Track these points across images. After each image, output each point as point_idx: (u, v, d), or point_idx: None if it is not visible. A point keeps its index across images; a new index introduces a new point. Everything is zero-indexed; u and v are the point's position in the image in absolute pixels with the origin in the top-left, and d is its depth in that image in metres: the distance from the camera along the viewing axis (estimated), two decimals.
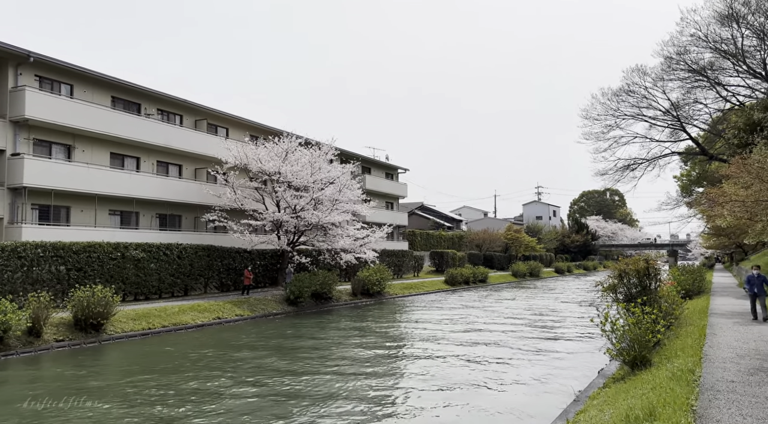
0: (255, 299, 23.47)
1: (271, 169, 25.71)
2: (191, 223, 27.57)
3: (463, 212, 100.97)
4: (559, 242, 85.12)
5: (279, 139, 27.14)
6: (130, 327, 17.25)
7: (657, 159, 35.03)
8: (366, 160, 44.69)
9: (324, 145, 28.51)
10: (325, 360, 13.44)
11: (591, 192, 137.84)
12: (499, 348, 15.27)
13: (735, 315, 14.82)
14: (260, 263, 27.59)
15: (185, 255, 23.10)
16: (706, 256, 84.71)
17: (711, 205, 17.54)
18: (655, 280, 11.42)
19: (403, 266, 42.35)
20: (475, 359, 13.66)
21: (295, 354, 14.35)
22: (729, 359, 8.55)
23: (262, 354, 14.44)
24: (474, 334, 18.13)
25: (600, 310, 9.59)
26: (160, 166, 26.71)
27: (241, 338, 17.31)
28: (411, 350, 15.15)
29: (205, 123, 28.69)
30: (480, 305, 28.95)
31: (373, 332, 18.57)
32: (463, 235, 64.48)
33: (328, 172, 27.96)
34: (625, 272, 11.36)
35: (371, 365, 12.97)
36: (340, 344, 16.07)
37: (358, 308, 26.93)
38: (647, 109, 33.97)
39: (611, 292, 11.56)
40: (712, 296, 22.05)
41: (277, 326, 20.31)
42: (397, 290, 34.01)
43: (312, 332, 18.83)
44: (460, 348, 15.35)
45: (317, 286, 25.35)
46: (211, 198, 26.06)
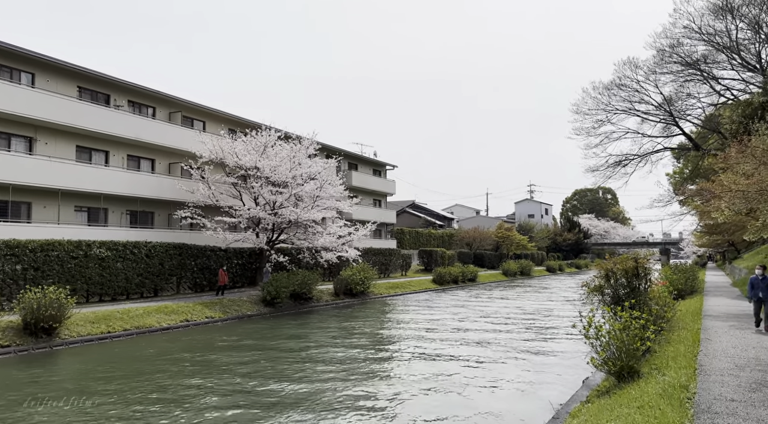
0: (229, 300, 22.36)
1: (247, 163, 24.59)
2: (165, 220, 26.39)
3: (455, 210, 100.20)
4: (551, 240, 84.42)
5: (257, 133, 26.02)
6: (88, 331, 16.10)
7: (649, 155, 34.20)
8: (353, 157, 43.61)
9: (305, 140, 27.39)
10: (292, 364, 12.37)
11: (584, 190, 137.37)
12: (481, 352, 14.26)
13: (730, 317, 13.90)
14: (237, 262, 26.46)
15: (154, 254, 21.94)
16: (699, 254, 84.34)
17: (707, 197, 16.52)
18: (644, 280, 10.45)
19: (390, 265, 41.30)
20: (453, 365, 12.64)
21: (260, 359, 13.27)
22: (727, 371, 7.56)
23: (225, 360, 13.34)
24: (456, 335, 17.12)
25: (583, 314, 8.58)
26: (131, 161, 25.51)
27: (208, 342, 16.20)
28: (385, 354, 14.11)
29: (179, 115, 27.50)
30: (467, 304, 27.95)
31: (351, 334, 17.51)
32: (453, 233, 63.56)
33: (309, 168, 26.85)
34: (612, 272, 10.36)
35: (338, 370, 11.92)
36: (313, 347, 15.00)
37: (340, 309, 25.88)
38: (639, 103, 33.12)
39: (597, 293, 10.58)
40: (706, 296, 21.20)
41: (249, 328, 19.22)
42: (382, 290, 32.97)
43: (285, 335, 17.76)
44: (438, 352, 14.32)
45: (296, 286, 24.26)
46: (185, 194, 24.89)
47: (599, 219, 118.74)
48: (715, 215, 12.92)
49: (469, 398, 9.75)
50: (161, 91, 26.12)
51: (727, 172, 13.34)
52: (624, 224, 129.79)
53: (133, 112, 25.39)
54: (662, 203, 37.53)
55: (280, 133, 26.59)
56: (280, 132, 26.61)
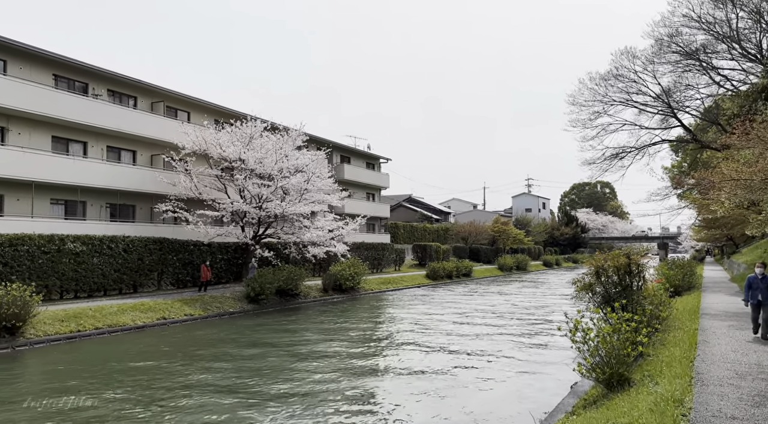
0: (210, 297, 21.60)
1: (231, 155, 23.77)
2: (147, 214, 25.57)
3: (453, 204, 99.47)
4: (549, 234, 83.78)
5: (242, 124, 25.20)
6: (56, 330, 15.34)
7: (647, 147, 33.38)
8: (345, 149, 42.76)
9: (292, 131, 26.58)
10: (268, 363, 11.62)
11: (582, 184, 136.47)
12: (468, 352, 13.53)
13: (729, 317, 13.16)
14: (222, 257, 25.71)
15: (133, 248, 21.15)
16: (697, 249, 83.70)
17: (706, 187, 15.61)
18: (638, 278, 9.69)
19: (383, 260, 40.57)
20: (436, 365, 11.90)
21: (235, 359, 12.51)
22: (726, 381, 6.81)
23: (195, 362, 12.59)
24: (444, 333, 16.39)
25: (569, 315, 7.83)
26: (111, 152, 24.66)
27: (181, 341, 15.46)
28: (364, 352, 13.36)
29: (162, 106, 26.62)
30: (459, 300, 27.24)
31: (333, 331, 16.77)
32: (449, 227, 62.82)
33: (296, 160, 26.05)
34: (603, 269, 9.59)
35: (313, 376, 11.18)
36: (293, 346, 14.24)
37: (328, 305, 25.16)
38: (637, 94, 32.27)
39: (587, 292, 9.82)
40: (703, 292, 20.47)
41: (229, 326, 18.48)
42: (373, 285, 32.25)
43: (265, 333, 17.03)
44: (420, 353, 13.59)
45: (281, 282, 23.51)
46: (167, 187, 24.07)
47: (597, 213, 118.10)
48: (714, 208, 12.07)
49: (448, 405, 9.02)
50: (142, 81, 25.24)
51: (727, 160, 12.44)
52: (622, 219, 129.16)
53: (113, 102, 24.51)
54: (660, 197, 36.81)
55: (266, 124, 25.77)
56: (266, 123, 25.78)
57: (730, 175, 11.21)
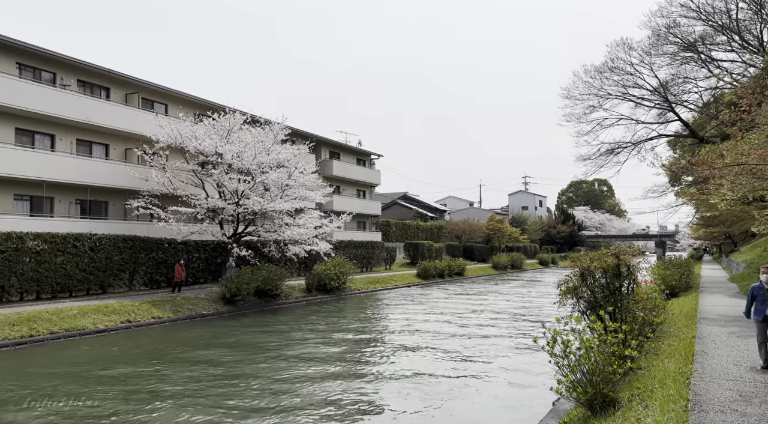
0: (183, 298, 20.50)
1: (207, 149, 22.65)
2: (120, 210, 24.43)
3: (449, 202, 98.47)
4: (545, 232, 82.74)
5: (220, 116, 24.08)
6: (4, 335, 14.23)
7: (643, 142, 32.32)
8: (334, 145, 41.62)
9: (274, 124, 25.45)
10: (229, 370, 10.53)
11: (579, 182, 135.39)
12: (445, 362, 12.47)
13: (729, 321, 12.12)
14: (199, 256, 24.59)
15: (100, 247, 20.02)
16: (695, 247, 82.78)
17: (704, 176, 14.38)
18: (628, 280, 8.64)
19: (373, 259, 39.49)
20: (413, 374, 10.84)
21: (198, 368, 11.43)
22: (729, 405, 5.75)
23: (150, 370, 11.50)
24: (426, 336, 15.33)
25: (546, 326, 6.77)
26: (82, 146, 23.50)
27: (140, 347, 14.36)
28: (341, 357, 12.29)
29: (137, 97, 25.45)
30: (447, 301, 26.18)
31: (312, 335, 15.69)
32: (442, 225, 61.75)
33: (278, 154, 24.93)
34: (589, 271, 8.50)
35: (279, 385, 10.10)
36: (262, 351, 13.15)
37: (311, 306, 24.09)
38: (633, 88, 31.23)
39: (572, 296, 8.75)
40: (701, 294, 19.44)
41: (200, 329, 17.40)
42: (360, 285, 31.18)
43: (237, 336, 15.95)
44: (391, 365, 12.52)
45: (260, 282, 22.42)
46: (141, 182, 22.95)
47: (595, 211, 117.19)
48: (715, 201, 10.92)
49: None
50: (115, 71, 24.07)
51: (729, 143, 11.18)
52: (620, 217, 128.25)
53: (84, 93, 23.35)
54: (656, 194, 35.80)
55: (245, 117, 24.64)
56: (245, 115, 24.65)
57: (736, 160, 10.01)
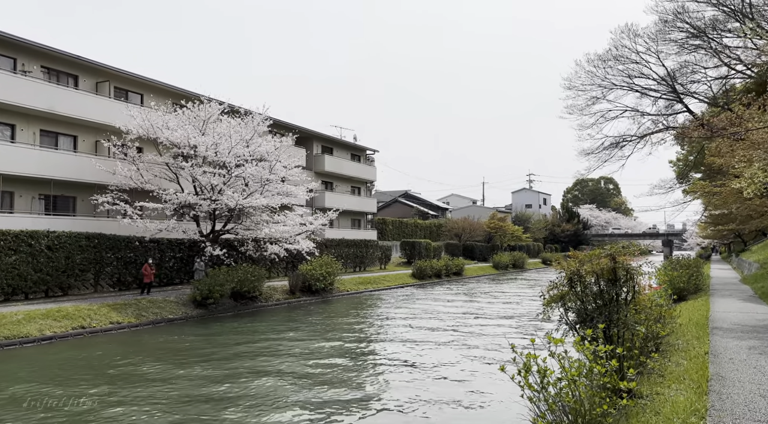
0: (149, 301, 19.00)
1: (178, 139, 21.15)
2: (89, 206, 22.95)
3: (452, 200, 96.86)
4: (549, 231, 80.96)
5: (194, 105, 22.59)
6: None
7: (649, 135, 30.53)
8: (327, 139, 40.03)
9: (255, 115, 23.94)
10: (171, 389, 8.99)
11: (585, 180, 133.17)
12: (420, 381, 10.89)
13: (748, 332, 10.46)
14: (173, 255, 23.13)
15: (59, 245, 18.55)
16: (703, 246, 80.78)
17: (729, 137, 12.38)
18: (627, 287, 7.02)
19: (367, 258, 37.93)
20: (377, 396, 9.27)
21: (127, 388, 9.89)
22: None
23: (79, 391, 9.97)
24: (405, 348, 13.77)
25: (517, 351, 5.17)
26: (47, 137, 22.04)
27: (84, 358, 12.86)
28: (301, 372, 10.73)
29: (108, 86, 23.95)
30: (444, 302, 24.57)
31: (282, 344, 14.13)
32: (441, 223, 60.10)
33: (258, 146, 23.42)
34: (578, 276, 6.86)
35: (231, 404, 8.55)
36: (220, 365, 11.59)
37: (293, 309, 22.60)
38: (638, 78, 29.42)
39: (559, 306, 7.13)
40: (712, 297, 17.77)
41: (164, 335, 15.91)
42: (349, 286, 29.65)
43: (199, 345, 14.43)
44: (349, 388, 10.96)
45: (235, 283, 20.90)
46: (110, 176, 21.48)
47: (600, 209, 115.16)
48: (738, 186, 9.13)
49: None
50: (84, 57, 22.58)
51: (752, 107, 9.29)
52: (626, 215, 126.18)
53: (50, 81, 21.89)
54: (663, 190, 33.93)
55: (223, 106, 23.13)
56: (223, 104, 23.14)
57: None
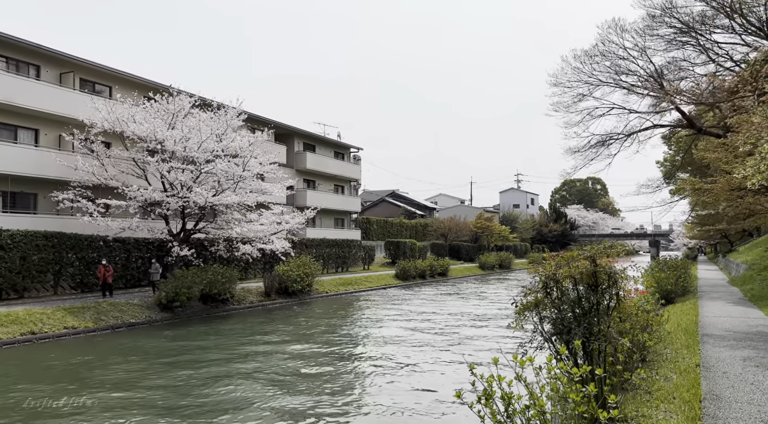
0: (110, 304, 17.92)
1: (144, 133, 20.08)
2: (52, 204, 21.78)
3: (440, 199, 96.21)
4: (537, 231, 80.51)
5: (163, 97, 21.54)
6: None
7: (636, 133, 29.92)
8: (309, 136, 39.02)
9: (229, 109, 22.92)
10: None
11: (573, 181, 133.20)
12: (378, 398, 10.00)
13: (741, 340, 9.68)
14: (140, 256, 22.05)
15: (12, 245, 17.41)
16: (689, 247, 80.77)
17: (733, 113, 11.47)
18: (610, 293, 6.17)
19: (350, 258, 37.02)
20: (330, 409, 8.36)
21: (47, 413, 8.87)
22: None
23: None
24: (376, 355, 12.89)
25: (476, 372, 4.27)
26: (5, 130, 20.79)
27: (11, 370, 11.81)
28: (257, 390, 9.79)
29: (72, 77, 22.78)
30: (423, 306, 23.71)
31: (244, 350, 13.16)
32: (428, 223, 59.28)
33: (231, 142, 22.42)
34: (555, 281, 5.99)
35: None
36: (174, 378, 10.61)
37: (268, 312, 21.63)
38: (626, 74, 28.82)
39: (533, 314, 6.27)
40: (701, 300, 17.05)
41: (117, 343, 14.86)
42: (329, 287, 28.71)
43: (161, 352, 13.42)
44: (314, 396, 10.04)
45: (204, 285, 19.88)
46: (73, 171, 20.35)
47: (588, 210, 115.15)
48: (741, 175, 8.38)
49: None
50: (45, 47, 21.40)
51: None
52: (613, 215, 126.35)
53: (8, 70, 20.69)
54: (650, 189, 33.43)
55: (194, 99, 22.08)
56: (193, 97, 22.09)
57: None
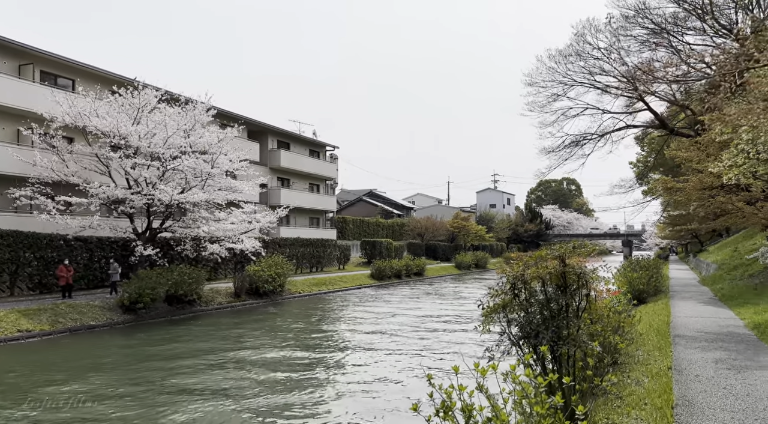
0: (69, 306, 17.13)
1: (107, 128, 19.31)
2: (8, 201, 20.77)
3: (417, 199, 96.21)
4: (512, 231, 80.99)
5: (129, 92, 20.76)
6: None
7: (610, 133, 30.15)
8: (283, 134, 38.35)
9: (198, 104, 22.25)
10: None
11: (548, 181, 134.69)
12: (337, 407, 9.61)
13: (711, 340, 9.56)
14: (104, 255, 21.23)
15: None
16: (661, 246, 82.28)
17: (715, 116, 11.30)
18: (580, 294, 5.87)
19: (324, 258, 36.51)
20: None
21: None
22: None
23: None
24: (337, 360, 12.48)
25: (435, 383, 3.90)
26: None
27: None
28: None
29: (32, 69, 21.80)
30: (398, 307, 23.37)
31: (207, 354, 12.61)
32: (404, 223, 59.06)
33: (199, 138, 21.77)
34: (523, 281, 5.68)
35: None
36: (121, 384, 10.01)
37: (237, 313, 21.02)
38: (600, 74, 28.97)
39: (501, 315, 5.95)
40: (672, 299, 17.08)
41: (72, 348, 14.15)
42: (302, 287, 28.16)
43: (117, 356, 12.78)
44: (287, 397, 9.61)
45: (169, 285, 19.19)
46: (29, 167, 19.44)
47: (563, 210, 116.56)
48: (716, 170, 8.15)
49: None
50: (2, 37, 20.42)
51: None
52: (587, 216, 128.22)
53: None
54: (623, 189, 33.73)
55: (160, 93, 21.34)
56: (160, 91, 21.35)
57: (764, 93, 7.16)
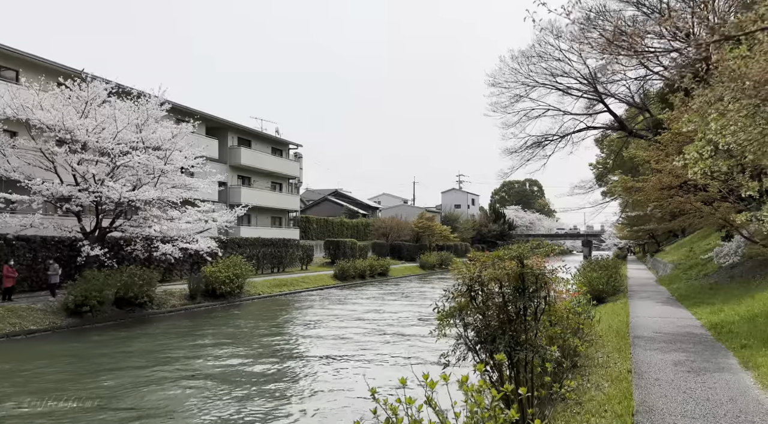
0: (8, 309, 16.02)
1: (51, 121, 18.22)
2: None
3: (383, 199, 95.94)
4: (477, 231, 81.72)
5: (77, 84, 19.67)
6: None
7: (571, 134, 30.55)
8: (244, 131, 37.37)
9: (151, 97, 21.28)
10: None
11: (512, 182, 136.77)
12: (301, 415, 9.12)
13: (669, 341, 9.52)
14: (48, 255, 20.03)
15: None
16: (620, 247, 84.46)
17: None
18: (539, 296, 5.57)
19: (286, 258, 35.69)
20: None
21: None
22: None
23: None
24: (295, 366, 11.96)
25: (379, 400, 3.48)
26: None
27: None
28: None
29: None
30: (359, 307, 22.93)
31: (155, 361, 11.87)
32: (369, 223, 58.66)
33: (152, 133, 20.82)
34: (480, 283, 5.34)
35: None
36: (74, 390, 9.23)
37: (192, 316, 20.18)
38: (562, 76, 29.26)
39: (457, 320, 5.59)
40: (630, 299, 17.24)
41: (18, 353, 13.16)
42: (263, 288, 27.38)
43: (53, 364, 11.90)
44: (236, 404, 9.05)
45: (118, 287, 18.23)
46: None
47: (525, 211, 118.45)
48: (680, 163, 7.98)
49: None
50: None
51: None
52: (549, 216, 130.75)
53: None
54: (583, 190, 34.24)
55: (110, 86, 20.30)
56: (110, 83, 20.31)
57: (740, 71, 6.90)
